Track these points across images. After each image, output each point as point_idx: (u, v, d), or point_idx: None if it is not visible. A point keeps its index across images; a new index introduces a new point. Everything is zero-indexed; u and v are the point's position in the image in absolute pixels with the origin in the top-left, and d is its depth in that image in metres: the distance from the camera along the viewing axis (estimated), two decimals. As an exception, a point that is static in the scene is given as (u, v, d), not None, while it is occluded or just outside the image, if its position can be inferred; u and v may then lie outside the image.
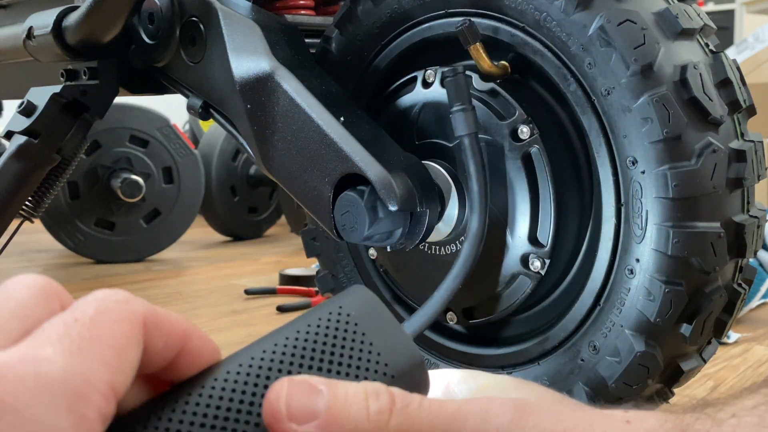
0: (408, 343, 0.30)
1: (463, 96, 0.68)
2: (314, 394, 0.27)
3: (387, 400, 0.28)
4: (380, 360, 0.30)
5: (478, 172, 0.68)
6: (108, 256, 1.90)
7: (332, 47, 0.82)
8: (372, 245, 0.81)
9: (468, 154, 0.68)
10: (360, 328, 0.30)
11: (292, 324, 0.30)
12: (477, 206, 0.68)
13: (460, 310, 0.76)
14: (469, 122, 0.68)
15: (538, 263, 0.69)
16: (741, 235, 0.63)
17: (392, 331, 0.30)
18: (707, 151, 0.61)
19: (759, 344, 1.10)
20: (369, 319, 0.30)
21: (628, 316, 0.64)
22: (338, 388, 0.28)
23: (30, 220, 0.96)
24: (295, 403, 0.27)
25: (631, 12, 0.63)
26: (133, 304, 0.26)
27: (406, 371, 0.30)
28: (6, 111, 1.97)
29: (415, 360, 0.30)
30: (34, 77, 0.99)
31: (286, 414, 0.27)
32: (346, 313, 0.30)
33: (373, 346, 0.30)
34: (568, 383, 0.69)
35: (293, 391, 0.27)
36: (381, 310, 0.30)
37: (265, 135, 0.77)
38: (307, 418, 0.27)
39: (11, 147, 0.89)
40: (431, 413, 0.28)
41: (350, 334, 0.30)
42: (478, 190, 0.68)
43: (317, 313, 0.30)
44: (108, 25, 0.83)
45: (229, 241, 2.24)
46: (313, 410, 0.27)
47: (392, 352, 0.30)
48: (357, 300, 0.31)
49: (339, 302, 0.31)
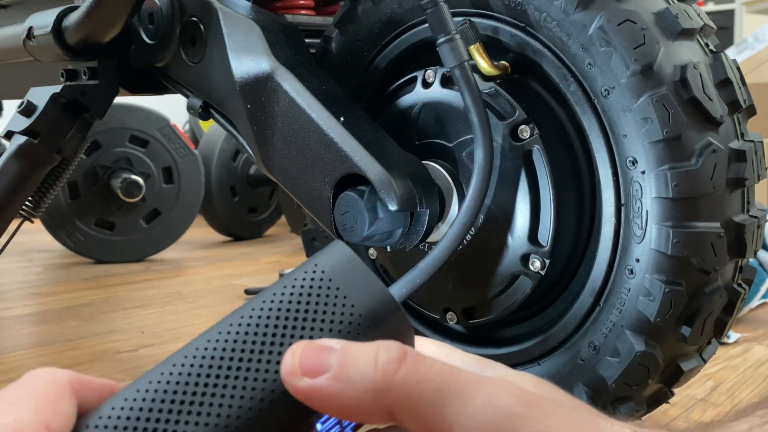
0: (382, 293, 0.30)
1: (446, 25, 0.66)
2: (327, 352, 0.28)
3: (397, 353, 0.28)
4: (354, 312, 0.30)
5: (475, 101, 0.66)
6: (108, 256, 1.90)
7: (332, 47, 0.82)
8: (372, 245, 0.81)
9: (462, 84, 0.66)
10: (334, 283, 0.30)
11: (271, 287, 0.31)
12: (480, 138, 0.66)
13: (460, 310, 0.76)
14: (458, 52, 0.66)
15: (538, 263, 0.69)
16: (741, 235, 0.63)
17: (367, 282, 0.30)
18: (707, 151, 0.61)
19: (759, 344, 1.10)
20: (344, 274, 0.30)
21: (628, 316, 0.64)
22: (352, 346, 0.29)
23: (30, 220, 0.96)
24: (309, 359, 0.28)
25: (631, 12, 0.63)
26: (58, 371, 0.30)
27: (382, 319, 0.30)
28: (6, 111, 1.97)
29: (390, 307, 0.30)
30: (34, 77, 0.99)
31: (300, 369, 0.28)
32: (321, 270, 0.31)
33: (347, 299, 0.30)
34: (568, 383, 0.69)
35: (308, 350, 0.28)
36: (355, 264, 0.31)
37: (265, 135, 0.77)
38: (320, 372, 0.28)
39: (11, 147, 0.89)
40: (441, 375, 0.28)
41: (324, 290, 0.30)
42: (479, 121, 0.66)
43: (294, 273, 0.31)
44: (108, 25, 0.83)
45: (229, 241, 2.24)
46: (325, 365, 0.28)
47: (367, 302, 0.30)
48: (332, 256, 0.31)
49: (315, 260, 0.31)
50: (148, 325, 1.29)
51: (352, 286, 0.30)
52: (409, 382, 0.28)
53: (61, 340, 1.20)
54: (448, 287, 0.76)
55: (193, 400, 0.28)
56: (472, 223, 0.66)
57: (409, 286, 0.65)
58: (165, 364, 0.29)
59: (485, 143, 0.66)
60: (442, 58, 0.68)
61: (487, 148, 0.66)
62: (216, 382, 0.29)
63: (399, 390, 0.27)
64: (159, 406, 0.28)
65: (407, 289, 0.65)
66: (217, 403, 0.28)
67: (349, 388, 0.28)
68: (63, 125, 0.89)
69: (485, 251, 0.72)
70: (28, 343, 1.19)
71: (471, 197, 0.66)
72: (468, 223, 0.66)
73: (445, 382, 0.28)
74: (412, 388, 0.27)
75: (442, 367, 0.28)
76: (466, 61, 0.67)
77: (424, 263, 0.65)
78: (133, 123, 1.89)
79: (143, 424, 0.28)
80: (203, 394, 0.28)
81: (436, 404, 0.27)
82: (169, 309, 1.40)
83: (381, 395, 0.27)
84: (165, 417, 0.28)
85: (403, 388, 0.27)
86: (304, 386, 0.28)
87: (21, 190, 0.90)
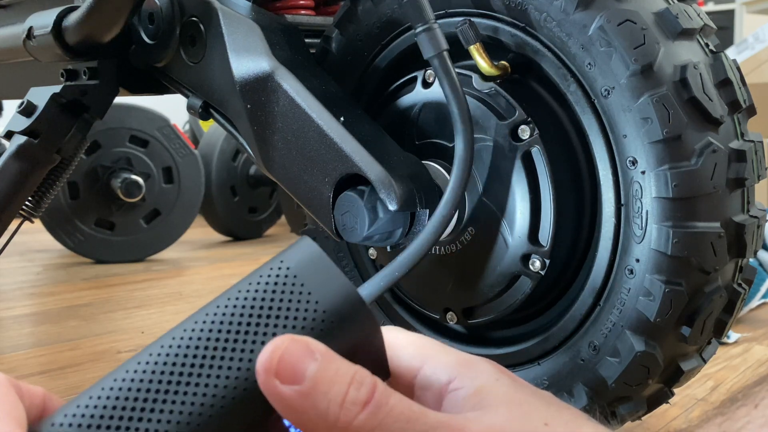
0: (345, 288, 0.30)
1: (424, 14, 0.65)
2: (308, 358, 0.28)
3: (365, 395, 0.28)
4: (318, 308, 0.30)
5: (455, 92, 0.65)
6: (108, 256, 1.90)
7: (332, 47, 0.82)
8: (372, 245, 0.81)
9: (441, 74, 0.65)
10: (299, 279, 0.30)
11: (237, 284, 0.31)
12: (461, 128, 0.65)
13: (460, 310, 0.76)
14: (436, 41, 0.65)
15: (538, 263, 0.69)
16: (741, 235, 0.63)
17: (332, 279, 0.30)
18: (707, 151, 0.61)
19: (759, 344, 1.10)
20: (308, 270, 0.30)
21: (628, 316, 0.64)
22: (332, 361, 0.28)
23: (30, 220, 0.96)
24: (288, 359, 0.28)
25: (631, 12, 0.63)
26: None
27: (347, 316, 0.30)
28: (6, 111, 1.97)
29: (354, 302, 0.30)
30: (34, 77, 0.99)
31: (276, 369, 0.28)
32: (286, 267, 0.31)
33: (311, 295, 0.30)
34: (568, 383, 0.69)
35: (290, 348, 0.28)
36: (321, 260, 0.31)
37: (265, 135, 0.77)
38: (293, 380, 0.28)
39: (11, 147, 0.88)
40: (400, 421, 0.28)
41: (289, 287, 0.30)
42: (459, 111, 0.65)
43: (260, 270, 0.31)
44: (108, 25, 0.83)
45: (229, 241, 2.24)
46: (301, 374, 0.28)
47: (331, 299, 0.30)
48: (298, 252, 0.31)
49: (281, 257, 0.31)
50: (148, 325, 1.29)
51: (317, 282, 0.30)
52: (367, 426, 0.28)
53: (61, 340, 1.20)
54: (448, 287, 0.76)
55: (156, 398, 0.28)
56: (451, 217, 0.64)
57: (382, 284, 0.63)
58: (131, 361, 0.29)
59: (465, 134, 0.65)
60: (420, 47, 0.66)
61: (467, 140, 0.64)
62: (181, 377, 0.29)
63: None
64: (123, 404, 0.28)
65: (379, 288, 0.63)
66: (181, 399, 0.28)
67: (311, 410, 0.28)
68: (63, 125, 0.89)
69: (485, 251, 0.72)
70: (27, 343, 1.19)
71: (451, 189, 0.64)
72: (447, 216, 0.64)
73: (403, 429, 0.28)
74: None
75: (404, 410, 0.29)
76: (445, 51, 0.65)
77: (401, 257, 0.64)
78: (133, 123, 1.89)
79: (107, 422, 0.28)
80: (167, 391, 0.28)
81: None
82: (169, 309, 1.40)
83: (337, 431, 0.28)
84: (130, 414, 0.28)
85: (360, 431, 0.28)
86: (273, 388, 0.28)
87: (21, 190, 0.90)
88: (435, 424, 0.29)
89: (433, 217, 0.65)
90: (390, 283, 0.63)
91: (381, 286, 0.63)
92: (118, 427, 0.28)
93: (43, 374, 1.04)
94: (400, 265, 0.63)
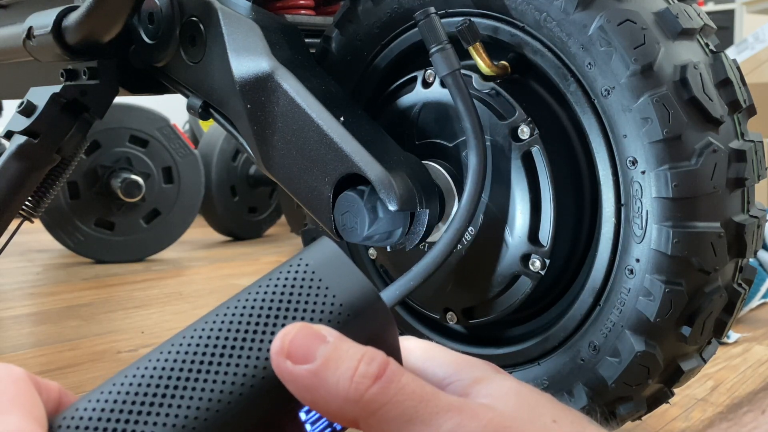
0: (362, 283, 0.31)
1: (438, 35, 0.68)
2: (319, 341, 0.29)
3: (376, 368, 0.29)
4: (335, 302, 0.31)
5: (468, 108, 0.67)
6: (108, 256, 1.90)
7: (332, 47, 0.82)
8: (372, 245, 0.81)
9: (455, 92, 0.68)
10: (317, 275, 0.31)
11: (257, 281, 0.32)
12: (474, 144, 0.67)
13: (460, 310, 0.76)
14: (450, 60, 0.68)
15: (538, 263, 0.69)
16: (741, 235, 0.63)
17: (349, 275, 0.32)
18: (707, 151, 0.61)
19: (759, 344, 1.10)
20: (327, 267, 0.32)
21: (628, 316, 0.64)
22: (343, 342, 0.29)
23: (30, 220, 0.96)
24: (299, 343, 0.29)
25: (631, 12, 0.63)
26: (12, 367, 0.29)
27: (362, 309, 0.31)
28: (6, 111, 1.97)
29: (370, 297, 0.31)
30: (34, 77, 0.99)
31: (288, 350, 0.29)
32: (305, 264, 0.32)
33: (329, 290, 0.31)
34: (568, 383, 0.69)
35: (301, 332, 0.29)
36: (339, 258, 0.32)
37: (265, 135, 0.77)
38: (304, 361, 0.28)
39: (11, 147, 0.89)
40: (412, 398, 0.28)
41: (308, 282, 0.31)
42: (472, 127, 0.67)
43: (280, 267, 0.32)
44: (108, 25, 0.83)
45: (228, 241, 2.24)
46: (312, 355, 0.29)
47: (348, 293, 0.31)
48: (317, 251, 0.32)
49: (300, 255, 0.32)
50: (148, 325, 1.29)
51: (334, 278, 0.31)
52: (378, 400, 0.28)
53: (61, 340, 1.20)
54: (448, 287, 0.76)
55: (177, 385, 0.29)
56: (466, 229, 0.67)
57: (401, 290, 0.65)
58: (152, 353, 0.30)
59: (478, 149, 0.67)
60: (434, 66, 0.69)
61: (480, 154, 0.67)
62: (201, 367, 0.30)
63: (366, 406, 0.28)
64: (146, 390, 0.29)
65: (399, 293, 0.65)
66: (201, 387, 0.29)
67: (323, 388, 0.28)
68: (63, 125, 0.89)
69: (485, 251, 0.72)
70: (27, 343, 1.19)
71: (465, 203, 0.66)
72: (462, 229, 0.66)
73: (414, 407, 0.28)
74: (379, 407, 0.28)
75: (416, 389, 0.29)
76: (458, 70, 0.68)
77: (417, 268, 0.65)
78: (133, 123, 1.89)
79: (125, 416, 0.28)
80: (188, 378, 0.29)
81: (400, 428, 0.28)
82: (169, 309, 1.40)
83: (349, 405, 0.28)
84: (151, 399, 0.29)
85: (371, 405, 0.28)
86: (285, 369, 0.29)
87: (21, 190, 0.90)
88: (447, 407, 0.29)
89: (448, 230, 0.66)
90: (406, 292, 0.65)
91: (397, 295, 0.65)
92: (140, 412, 0.28)
93: (43, 374, 1.04)
94: (416, 275, 0.65)
